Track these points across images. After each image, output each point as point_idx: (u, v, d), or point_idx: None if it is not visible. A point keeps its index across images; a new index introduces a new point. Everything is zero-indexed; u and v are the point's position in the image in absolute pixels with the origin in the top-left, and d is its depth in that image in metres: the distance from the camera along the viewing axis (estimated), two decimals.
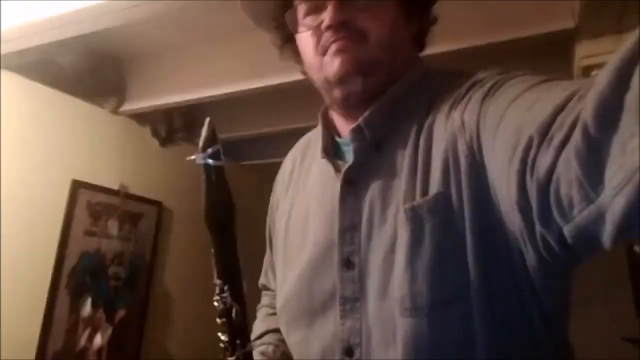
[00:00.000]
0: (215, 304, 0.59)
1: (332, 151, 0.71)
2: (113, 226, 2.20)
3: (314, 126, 0.77)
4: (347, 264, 0.62)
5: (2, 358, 1.62)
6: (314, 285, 0.65)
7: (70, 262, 2.01)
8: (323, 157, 0.70)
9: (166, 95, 2.14)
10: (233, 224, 0.60)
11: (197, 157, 0.57)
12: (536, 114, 0.43)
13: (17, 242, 1.85)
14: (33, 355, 1.84)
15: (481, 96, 0.55)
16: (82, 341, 2.00)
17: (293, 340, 0.69)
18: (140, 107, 2.23)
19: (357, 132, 0.65)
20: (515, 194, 0.45)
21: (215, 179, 0.57)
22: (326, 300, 0.63)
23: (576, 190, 0.37)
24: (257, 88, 1.90)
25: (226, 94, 1.98)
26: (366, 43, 0.63)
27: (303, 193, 0.75)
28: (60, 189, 2.03)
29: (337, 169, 0.68)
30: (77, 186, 2.08)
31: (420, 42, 0.73)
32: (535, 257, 0.50)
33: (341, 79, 0.63)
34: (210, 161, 0.56)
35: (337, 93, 0.65)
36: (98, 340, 2.03)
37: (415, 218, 0.56)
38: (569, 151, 0.37)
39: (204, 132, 0.57)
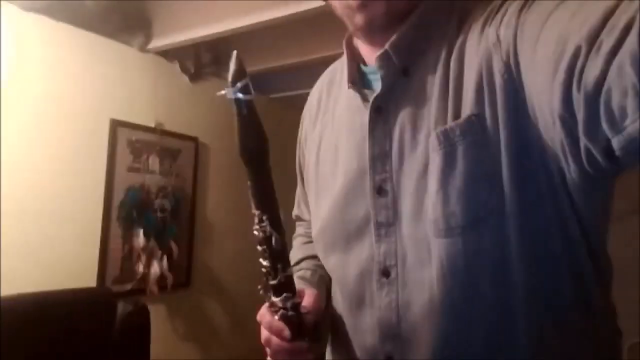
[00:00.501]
0: (255, 232, 0.62)
1: (358, 80, 0.69)
2: (154, 162, 2.30)
3: (342, 54, 0.74)
4: (379, 191, 0.63)
5: (62, 288, 1.78)
6: (348, 212, 0.67)
7: (118, 197, 2.14)
8: (349, 87, 0.69)
9: (191, 30, 2.13)
10: (267, 156, 0.61)
11: (227, 92, 0.56)
12: (582, 19, 0.40)
13: (65, 182, 1.96)
14: (93, 283, 2.03)
15: (517, 8, 0.52)
16: (141, 268, 2.18)
17: (331, 264, 0.73)
18: (166, 43, 2.22)
19: (384, 58, 0.63)
20: (558, 107, 0.43)
21: (247, 113, 0.57)
22: (361, 225, 0.65)
23: (631, 98, 0.35)
24: (282, 17, 1.86)
25: (250, 25, 1.95)
26: None
27: (332, 124, 0.75)
28: (100, 128, 2.10)
29: (364, 99, 0.67)
30: (116, 125, 2.14)
31: None
32: (576, 171, 0.49)
33: (362, 3, 0.60)
34: (240, 95, 0.56)
35: (358, 19, 0.62)
36: (155, 267, 2.21)
37: (447, 141, 0.56)
38: (623, 56, 0.35)
39: (231, 66, 0.57)
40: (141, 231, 2.19)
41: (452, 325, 0.58)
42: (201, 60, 2.55)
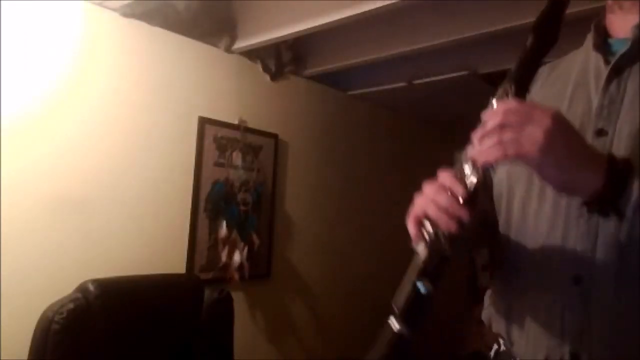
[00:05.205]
0: (494, 99, 0.65)
1: (602, 48, 0.78)
2: (237, 157, 2.41)
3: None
4: (599, 132, 0.71)
5: (154, 273, 1.92)
6: None
7: (205, 190, 2.27)
8: (594, 50, 0.79)
9: (273, 30, 2.20)
10: (552, 45, 0.68)
11: None
12: None
13: (158, 175, 2.12)
14: (182, 270, 2.17)
15: None
16: (223, 258, 2.30)
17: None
18: (250, 43, 2.32)
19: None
20: None
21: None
22: None
23: None
24: (358, 15, 1.87)
25: (329, 23, 1.98)
26: None
27: (559, 85, 0.83)
28: (189, 125, 2.24)
29: (606, 61, 0.76)
30: (203, 122, 2.27)
31: None
32: None
33: None
34: None
35: None
36: (237, 257, 2.32)
37: None
38: None
39: None
40: (224, 222, 2.31)
41: None
42: (282, 59, 2.63)
